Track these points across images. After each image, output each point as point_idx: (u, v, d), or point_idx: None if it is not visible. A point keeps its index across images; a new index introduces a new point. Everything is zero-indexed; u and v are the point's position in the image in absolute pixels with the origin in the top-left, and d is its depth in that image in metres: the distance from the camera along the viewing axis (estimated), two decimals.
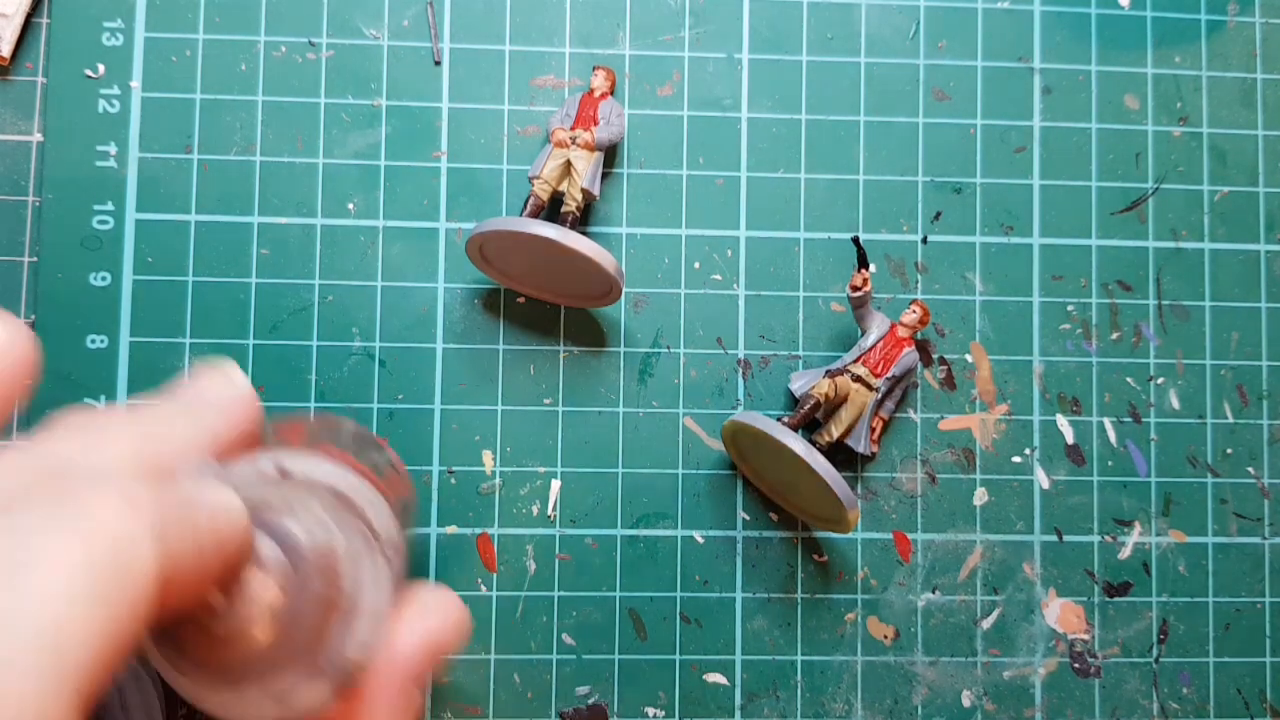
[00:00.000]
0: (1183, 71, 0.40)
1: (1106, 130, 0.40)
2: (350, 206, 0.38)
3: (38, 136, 0.38)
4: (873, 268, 0.37)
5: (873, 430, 0.37)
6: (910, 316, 0.37)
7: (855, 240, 0.36)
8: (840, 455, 0.38)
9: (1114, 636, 0.39)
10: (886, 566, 0.38)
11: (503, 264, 0.37)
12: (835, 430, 0.36)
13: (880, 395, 0.36)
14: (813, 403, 0.36)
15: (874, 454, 0.38)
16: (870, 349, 0.36)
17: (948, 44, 0.40)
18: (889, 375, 0.36)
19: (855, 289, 0.36)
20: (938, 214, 0.39)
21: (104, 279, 0.37)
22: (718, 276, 0.39)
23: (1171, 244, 0.40)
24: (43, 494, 0.18)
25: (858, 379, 0.36)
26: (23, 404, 0.37)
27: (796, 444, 0.33)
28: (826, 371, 0.37)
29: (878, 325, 0.37)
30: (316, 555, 0.20)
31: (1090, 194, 0.40)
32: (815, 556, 0.38)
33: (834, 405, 0.36)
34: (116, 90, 0.38)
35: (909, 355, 0.37)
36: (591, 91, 0.37)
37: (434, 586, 0.26)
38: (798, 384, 0.37)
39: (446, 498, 0.38)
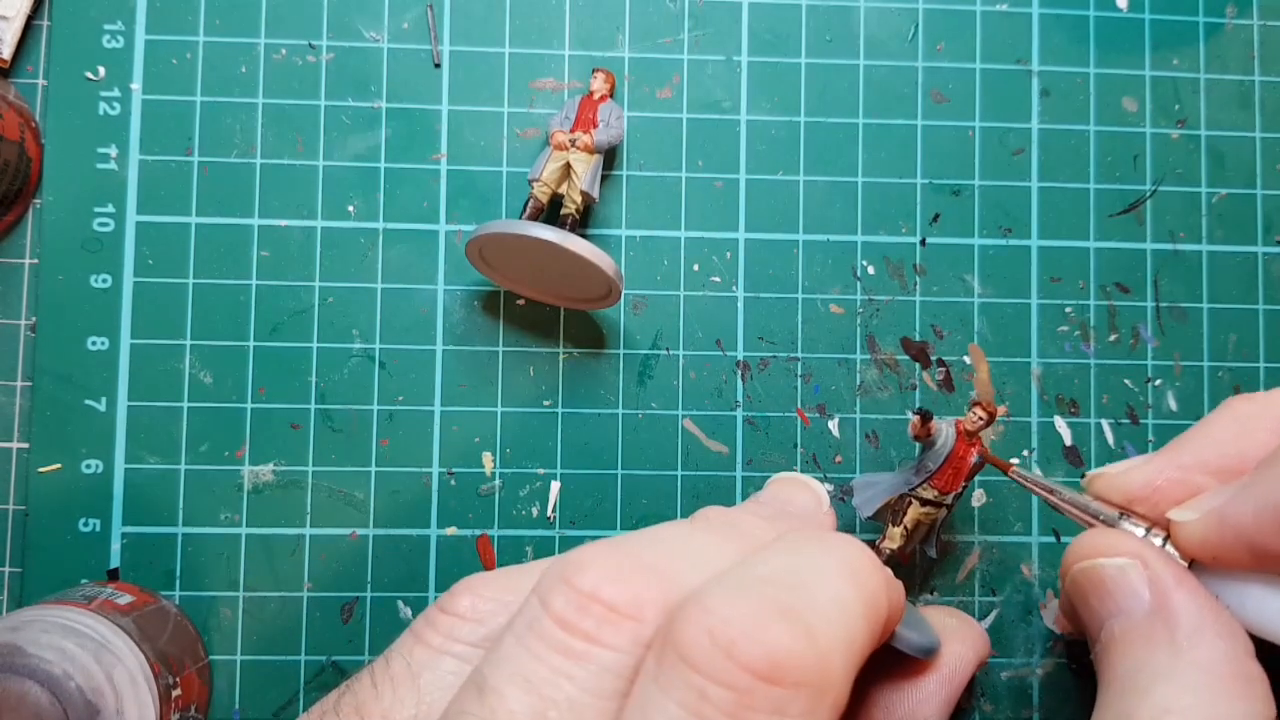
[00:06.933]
0: (1181, 74, 0.40)
1: (1105, 132, 0.40)
2: (350, 209, 0.38)
3: None
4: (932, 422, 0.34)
5: (938, 535, 0.35)
6: (975, 423, 0.34)
7: (919, 412, 0.34)
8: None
9: None
10: None
11: (502, 266, 0.37)
12: (908, 548, 0.35)
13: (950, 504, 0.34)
14: (886, 557, 0.34)
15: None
16: (938, 470, 0.34)
17: (946, 46, 0.40)
18: (960, 490, 0.34)
19: (917, 439, 0.34)
20: (936, 216, 0.40)
21: (105, 281, 0.37)
22: (717, 279, 0.39)
23: (1169, 246, 0.40)
24: (803, 531, 0.25)
25: (927, 502, 0.34)
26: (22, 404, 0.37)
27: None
28: (893, 510, 0.35)
29: (943, 441, 0.34)
30: None
31: (1088, 196, 0.40)
32: None
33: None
34: (117, 92, 0.38)
35: (975, 461, 0.34)
36: (591, 94, 0.37)
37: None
38: (862, 497, 0.35)
39: (446, 499, 0.38)
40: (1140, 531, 0.29)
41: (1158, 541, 0.29)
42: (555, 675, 0.20)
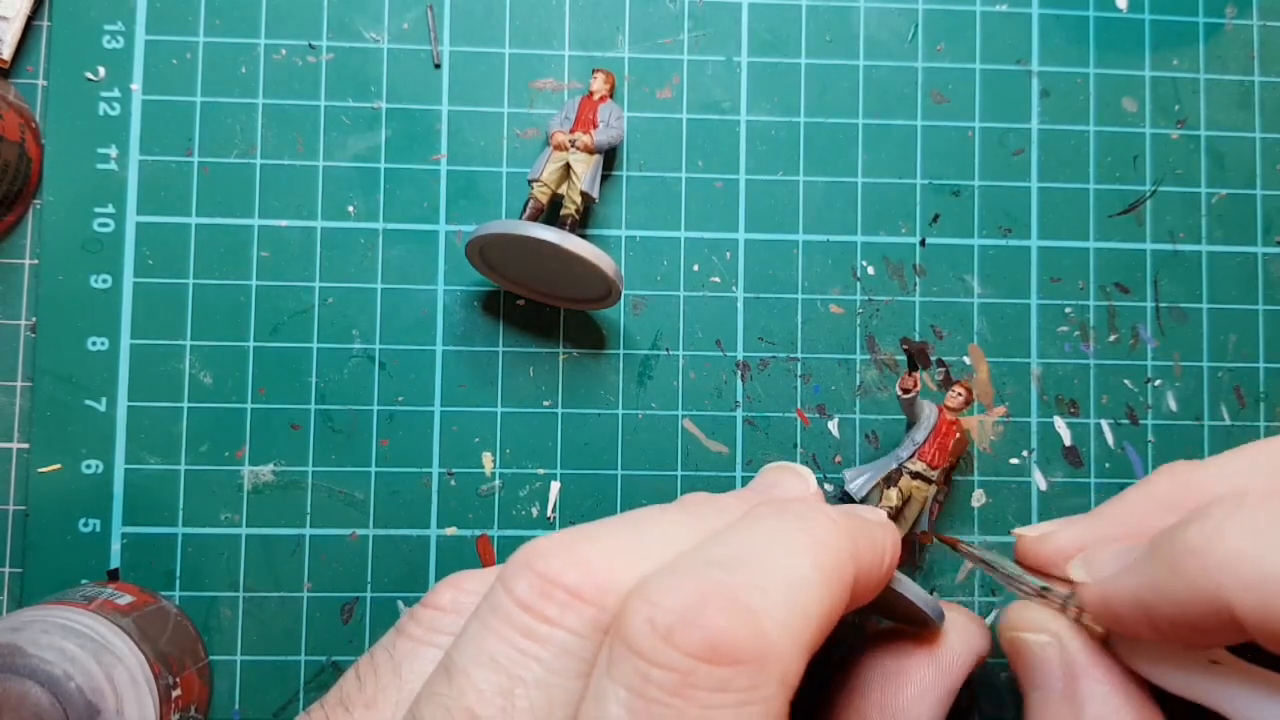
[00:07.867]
0: (1180, 74, 0.40)
1: (1104, 133, 0.40)
2: (350, 209, 0.38)
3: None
4: (922, 375, 0.36)
5: (931, 513, 0.36)
6: (956, 400, 0.36)
7: (907, 349, 0.36)
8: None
9: None
10: None
11: (502, 266, 0.37)
12: (901, 529, 0.35)
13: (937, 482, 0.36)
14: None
15: (930, 540, 0.38)
16: (924, 443, 0.35)
17: (946, 46, 0.40)
18: (945, 465, 0.35)
19: (905, 391, 0.35)
20: (936, 216, 0.40)
21: (105, 281, 0.37)
22: (716, 279, 0.39)
23: (1169, 246, 0.40)
24: (766, 505, 0.25)
25: (916, 475, 0.35)
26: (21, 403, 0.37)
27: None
28: (886, 478, 0.36)
29: (927, 415, 0.36)
30: None
31: (1088, 196, 0.40)
32: None
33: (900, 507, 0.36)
34: (117, 93, 0.38)
35: (959, 441, 0.36)
36: (591, 94, 0.37)
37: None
38: (855, 483, 0.36)
39: (446, 499, 0.38)
40: (1064, 597, 0.29)
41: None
42: (522, 656, 0.21)
